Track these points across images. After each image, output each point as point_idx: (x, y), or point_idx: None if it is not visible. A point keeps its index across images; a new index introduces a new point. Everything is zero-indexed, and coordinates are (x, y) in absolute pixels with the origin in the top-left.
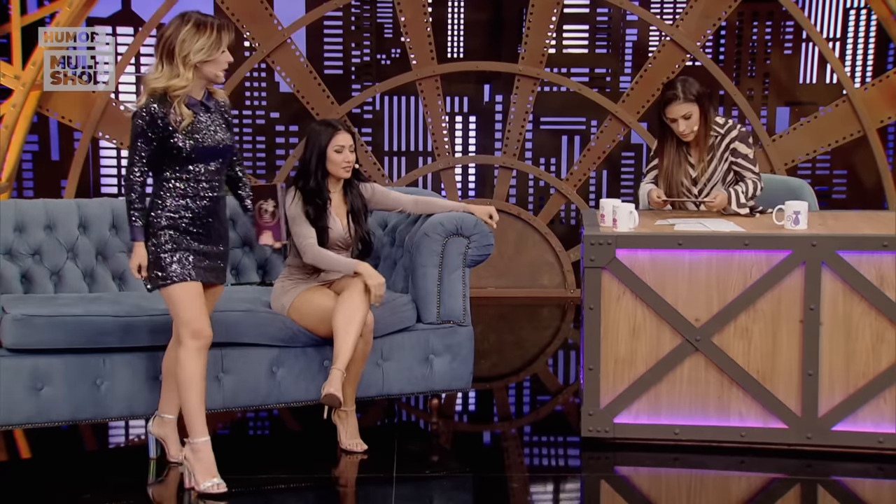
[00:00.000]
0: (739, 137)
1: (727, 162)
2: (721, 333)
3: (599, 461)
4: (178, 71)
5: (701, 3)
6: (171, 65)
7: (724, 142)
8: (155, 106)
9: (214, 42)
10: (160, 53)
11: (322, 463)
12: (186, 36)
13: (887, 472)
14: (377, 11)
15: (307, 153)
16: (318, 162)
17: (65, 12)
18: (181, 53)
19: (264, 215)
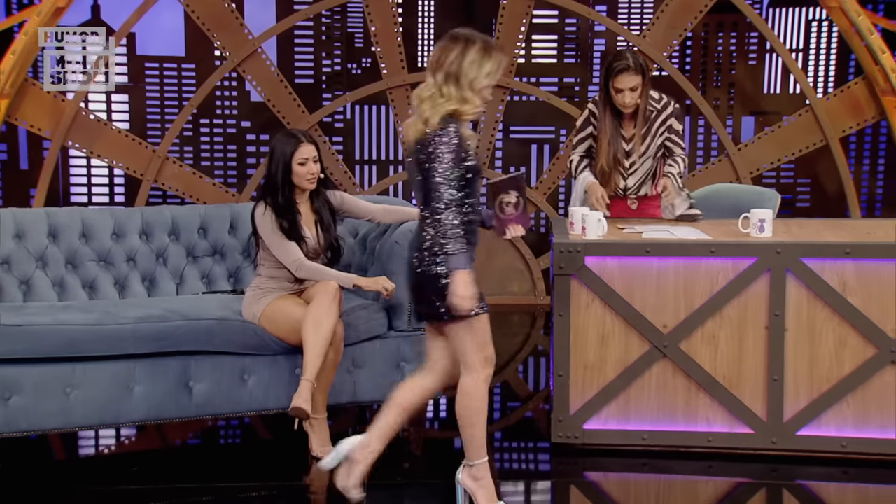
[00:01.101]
0: (675, 114)
1: (662, 137)
2: (688, 340)
3: (569, 467)
4: (466, 95)
5: (667, 14)
6: (458, 88)
7: (660, 117)
8: (457, 126)
9: (498, 66)
10: (444, 76)
11: (293, 470)
12: (474, 60)
13: (851, 476)
14: (348, 21)
15: (272, 167)
16: (284, 175)
17: (33, 21)
18: (468, 77)
19: (506, 208)
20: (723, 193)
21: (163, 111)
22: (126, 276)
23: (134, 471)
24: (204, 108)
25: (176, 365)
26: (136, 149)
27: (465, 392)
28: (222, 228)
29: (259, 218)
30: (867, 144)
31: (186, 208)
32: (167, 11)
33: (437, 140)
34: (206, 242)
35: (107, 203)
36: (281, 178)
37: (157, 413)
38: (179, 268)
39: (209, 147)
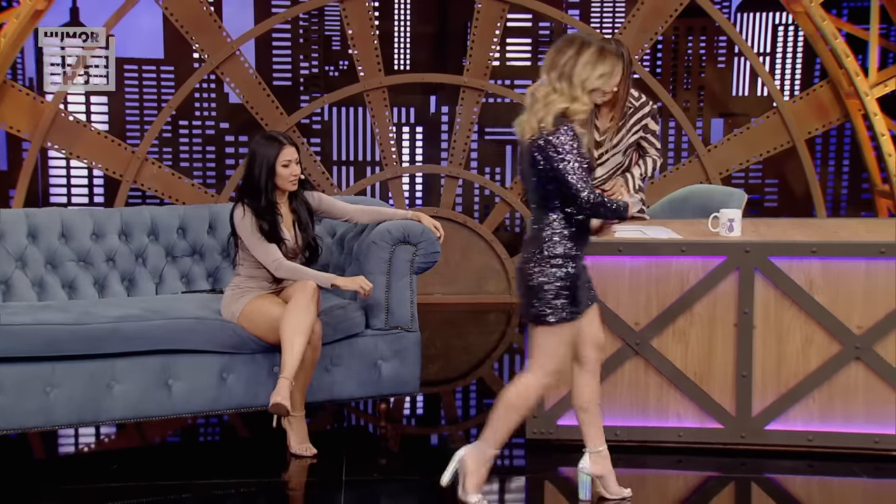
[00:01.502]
0: (651, 114)
1: (636, 135)
2: (659, 337)
3: (543, 462)
4: (577, 95)
5: (639, 18)
6: (570, 87)
7: (636, 115)
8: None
9: (612, 69)
10: (557, 75)
11: (272, 467)
12: (588, 61)
13: (816, 469)
14: (325, 24)
15: (255, 170)
16: (268, 178)
17: (12, 24)
18: (580, 77)
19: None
20: (695, 194)
21: (142, 113)
22: (105, 276)
23: (114, 469)
24: (183, 110)
25: (155, 363)
26: (116, 150)
27: (521, 390)
28: (201, 229)
29: (238, 220)
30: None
31: (165, 209)
32: (146, 14)
33: (556, 140)
34: (185, 242)
35: (86, 204)
36: (265, 181)
37: (137, 411)
38: (159, 268)
39: (188, 148)
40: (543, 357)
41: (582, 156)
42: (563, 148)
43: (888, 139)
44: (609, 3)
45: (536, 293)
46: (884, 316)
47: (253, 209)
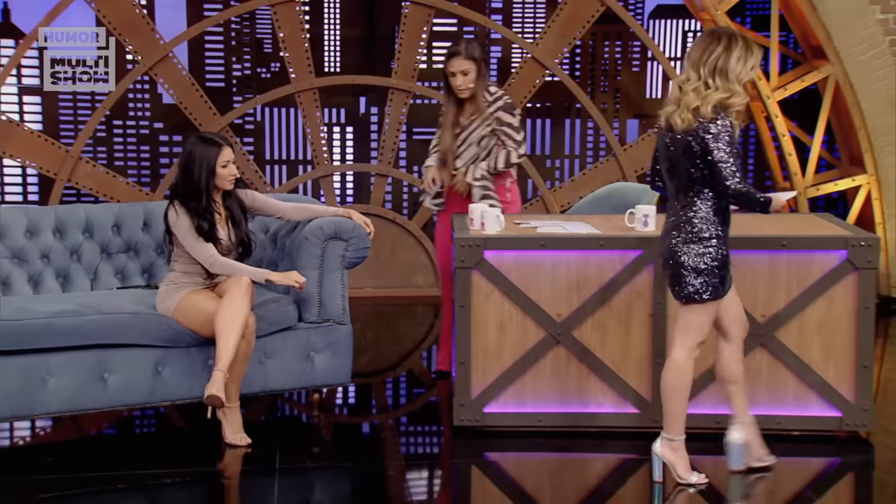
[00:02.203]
0: (503, 107)
1: (488, 127)
2: (580, 327)
3: (470, 448)
4: (735, 89)
5: (558, 24)
6: (726, 81)
7: (489, 108)
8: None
9: (757, 61)
10: (710, 70)
11: (207, 457)
12: (741, 56)
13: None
14: (257, 27)
15: (195, 172)
16: (208, 179)
17: None
18: (735, 72)
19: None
20: (617, 191)
21: (76, 113)
22: (40, 273)
23: (49, 461)
24: (117, 110)
25: (91, 358)
26: (49, 149)
27: (677, 367)
28: (136, 226)
29: (173, 219)
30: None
31: (100, 207)
32: (78, 16)
33: (714, 129)
34: (120, 239)
35: (20, 202)
36: (205, 182)
37: (72, 405)
38: (94, 264)
39: (122, 148)
40: (693, 333)
41: (734, 146)
42: (720, 137)
43: (788, 139)
44: (530, 10)
45: (691, 274)
46: (784, 305)
47: (190, 209)
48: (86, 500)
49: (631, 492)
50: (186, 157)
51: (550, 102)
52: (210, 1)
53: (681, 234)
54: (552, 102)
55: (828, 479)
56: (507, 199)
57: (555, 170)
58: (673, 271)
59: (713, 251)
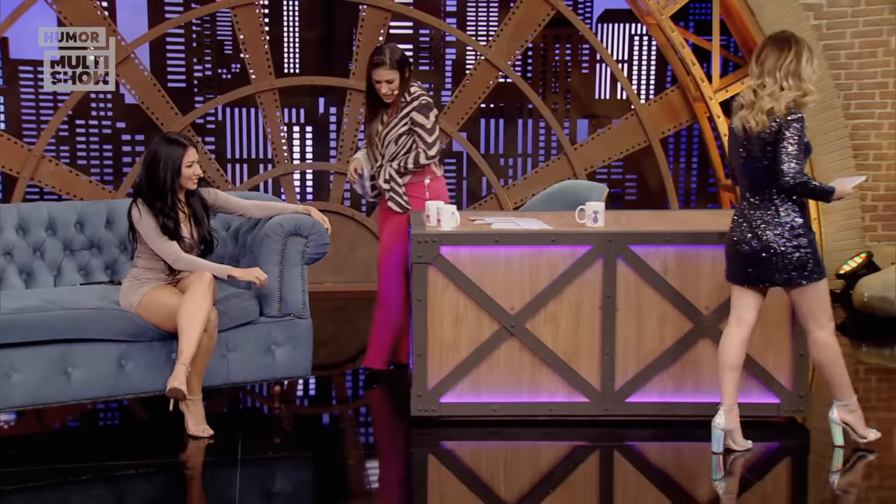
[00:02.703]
0: (418, 108)
1: (404, 126)
2: (533, 320)
3: (427, 437)
4: (808, 88)
5: (510, 27)
6: (799, 82)
7: (406, 108)
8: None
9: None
10: (783, 74)
11: (171, 449)
12: (808, 59)
13: (672, 436)
14: (217, 29)
15: (160, 172)
16: (173, 179)
17: None
18: (806, 73)
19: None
20: (567, 189)
21: (38, 113)
22: (3, 270)
23: (12, 454)
24: (79, 110)
25: (54, 353)
26: (12, 148)
27: (823, 344)
28: (99, 223)
29: (136, 218)
30: (683, 145)
31: (63, 204)
32: (40, 18)
33: (788, 125)
34: (83, 236)
35: None
36: (170, 182)
37: (36, 399)
38: (57, 261)
39: (85, 147)
40: (823, 309)
41: (803, 140)
42: (791, 131)
43: None
44: (483, 13)
45: (802, 261)
46: (726, 298)
47: (155, 207)
48: (50, 491)
49: (581, 477)
50: (151, 157)
51: (503, 103)
52: (171, 3)
53: (777, 231)
54: (505, 103)
55: (767, 462)
56: (426, 196)
57: (508, 168)
58: (781, 265)
59: (810, 235)
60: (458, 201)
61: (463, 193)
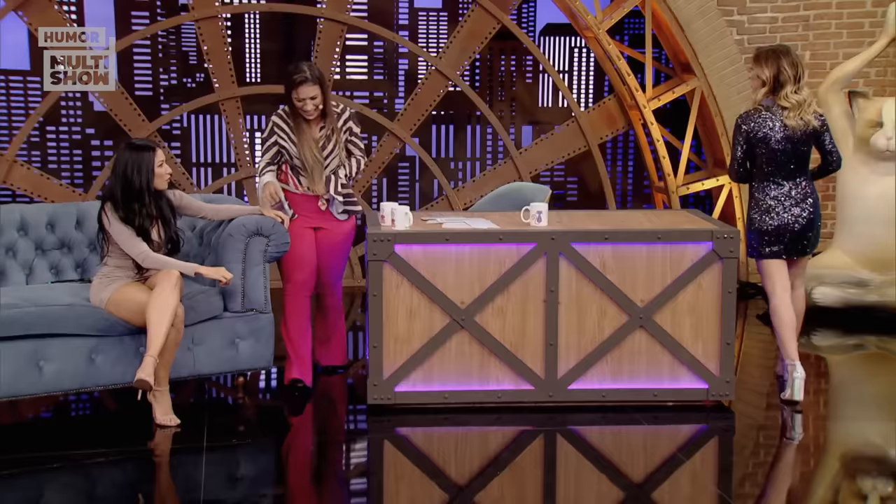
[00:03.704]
0: (351, 118)
1: (346, 136)
2: (482, 313)
3: (383, 424)
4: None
5: (459, 40)
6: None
7: (340, 120)
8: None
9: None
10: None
11: (139, 438)
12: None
13: (609, 420)
14: (182, 41)
15: (136, 177)
16: (148, 181)
17: None
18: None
19: None
20: (513, 190)
21: (10, 119)
22: None
23: None
24: (50, 117)
25: (27, 347)
26: None
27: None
28: (69, 224)
29: (106, 221)
30: (620, 149)
31: (35, 206)
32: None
33: (825, 120)
34: (54, 237)
35: None
36: (146, 184)
37: (9, 391)
38: (29, 260)
39: (56, 151)
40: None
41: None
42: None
43: (662, 144)
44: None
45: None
46: (660, 291)
47: (132, 211)
48: (23, 479)
49: (527, 460)
50: (124, 165)
51: (453, 110)
52: (137, 16)
53: (812, 203)
54: (454, 110)
55: (696, 443)
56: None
57: (458, 171)
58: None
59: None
60: (410, 202)
61: (416, 195)
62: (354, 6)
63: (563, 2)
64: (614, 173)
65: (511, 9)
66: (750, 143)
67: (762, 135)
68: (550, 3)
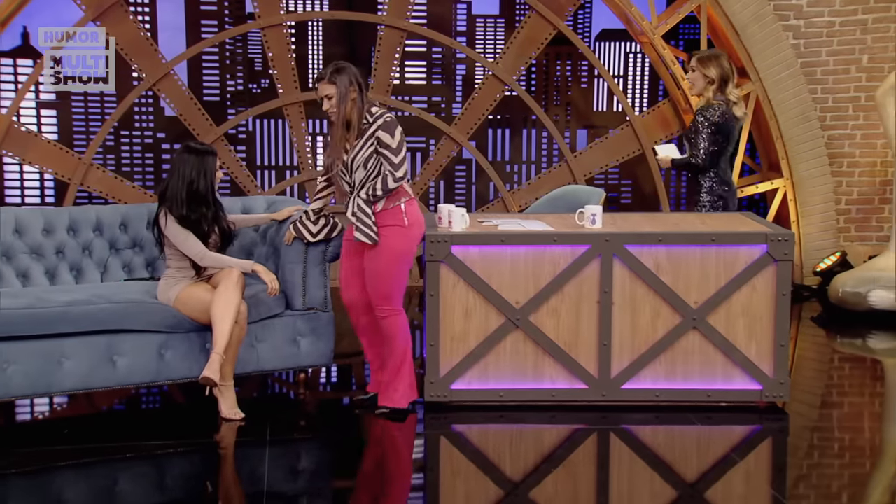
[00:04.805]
0: (383, 126)
1: (372, 147)
2: (536, 313)
3: (439, 421)
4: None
5: (515, 45)
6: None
7: (370, 128)
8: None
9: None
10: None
11: (206, 430)
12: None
13: (662, 420)
14: (249, 48)
15: (203, 181)
16: (212, 185)
17: None
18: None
19: None
20: (568, 193)
21: (87, 124)
22: (56, 267)
23: (65, 433)
24: (124, 122)
25: (101, 342)
26: (64, 157)
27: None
28: (141, 225)
29: (164, 224)
30: None
31: (109, 208)
32: (89, 39)
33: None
34: (126, 237)
35: (38, 203)
36: (209, 187)
37: (85, 383)
38: (103, 259)
39: (129, 155)
40: None
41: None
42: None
43: None
44: (491, 33)
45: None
46: (713, 293)
47: (197, 213)
48: (98, 467)
49: (580, 457)
50: (190, 168)
51: (509, 115)
52: (207, 24)
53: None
54: (511, 115)
55: (750, 444)
56: (405, 223)
57: (513, 174)
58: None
59: None
60: (467, 204)
61: (472, 197)
62: (414, 13)
63: (619, 7)
64: (668, 176)
65: (567, 14)
66: (720, 133)
67: (730, 126)
68: (606, 9)
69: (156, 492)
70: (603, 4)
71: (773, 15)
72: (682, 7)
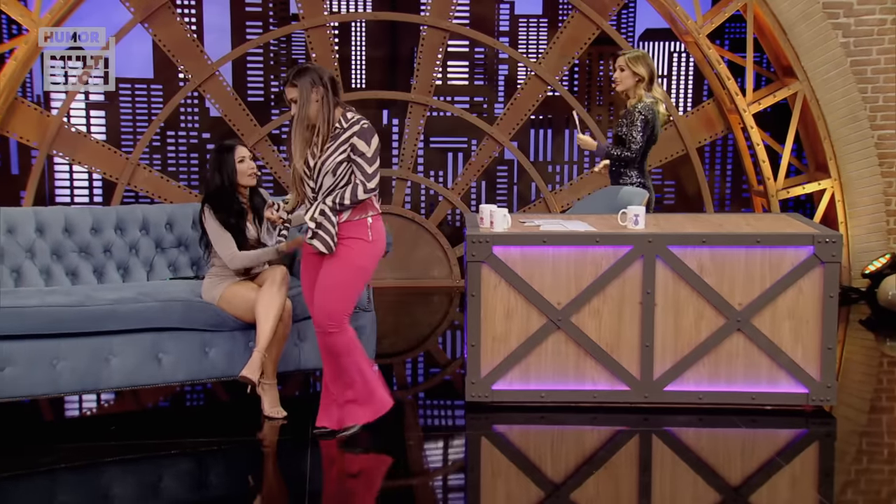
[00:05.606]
0: (359, 133)
1: (344, 153)
2: (578, 314)
3: (480, 421)
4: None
5: (558, 45)
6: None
7: (344, 135)
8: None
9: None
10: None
11: (249, 428)
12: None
13: (705, 422)
14: (292, 49)
15: (221, 177)
16: (231, 179)
17: (22, 48)
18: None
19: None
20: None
21: (135, 125)
22: (104, 265)
23: (112, 430)
24: (170, 122)
25: (147, 339)
26: (112, 157)
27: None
28: (186, 224)
29: (204, 220)
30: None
31: (155, 207)
32: (138, 40)
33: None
34: (172, 236)
35: (86, 203)
36: (229, 182)
37: (131, 380)
38: (150, 258)
39: (175, 155)
40: None
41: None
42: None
43: (762, 148)
44: (534, 33)
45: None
46: (759, 295)
47: (224, 208)
48: (144, 463)
49: (622, 459)
50: (211, 166)
51: (552, 115)
52: (252, 26)
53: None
54: (553, 115)
55: (796, 448)
56: (369, 238)
57: (555, 174)
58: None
59: None
60: (508, 204)
61: (514, 197)
62: (456, 13)
63: (664, 7)
64: (712, 177)
65: (610, 14)
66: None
67: (657, 122)
68: (650, 8)
69: (199, 488)
70: (647, 4)
71: (821, 13)
72: (728, 6)
